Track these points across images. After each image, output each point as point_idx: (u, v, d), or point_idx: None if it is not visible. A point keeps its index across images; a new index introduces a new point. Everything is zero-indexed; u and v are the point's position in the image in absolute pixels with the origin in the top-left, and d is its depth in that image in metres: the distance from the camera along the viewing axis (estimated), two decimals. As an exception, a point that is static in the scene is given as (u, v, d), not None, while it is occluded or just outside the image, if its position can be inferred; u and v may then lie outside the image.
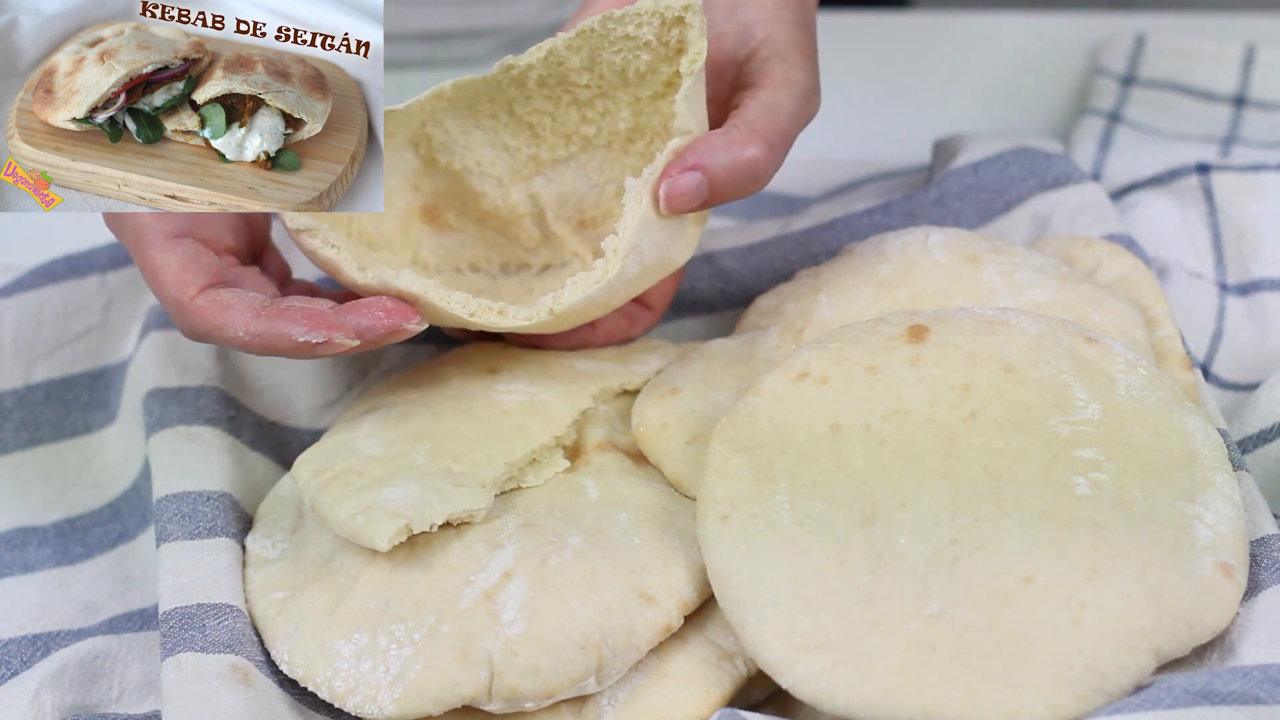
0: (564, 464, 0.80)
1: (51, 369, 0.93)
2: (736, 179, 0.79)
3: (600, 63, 0.83)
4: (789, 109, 0.80)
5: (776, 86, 0.81)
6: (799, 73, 0.82)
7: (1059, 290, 0.83)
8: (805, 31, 0.84)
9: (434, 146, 0.86)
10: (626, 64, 0.83)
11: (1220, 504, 0.72)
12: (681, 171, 0.78)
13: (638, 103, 0.84)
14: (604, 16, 0.82)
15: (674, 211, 0.78)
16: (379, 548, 0.73)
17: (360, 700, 0.72)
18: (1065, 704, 0.66)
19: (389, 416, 0.81)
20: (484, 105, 0.85)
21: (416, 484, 0.76)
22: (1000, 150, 0.94)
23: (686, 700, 0.72)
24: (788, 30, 0.83)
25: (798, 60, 0.82)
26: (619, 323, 0.87)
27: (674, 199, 0.78)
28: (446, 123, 0.86)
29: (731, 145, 0.78)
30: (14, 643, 0.80)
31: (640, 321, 0.88)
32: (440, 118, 0.85)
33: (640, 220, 0.78)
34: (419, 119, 0.85)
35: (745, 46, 0.83)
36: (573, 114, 0.85)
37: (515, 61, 0.84)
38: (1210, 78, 1.10)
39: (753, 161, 0.79)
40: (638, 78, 0.84)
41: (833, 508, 0.73)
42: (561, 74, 0.84)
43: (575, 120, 0.86)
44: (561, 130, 0.86)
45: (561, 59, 0.83)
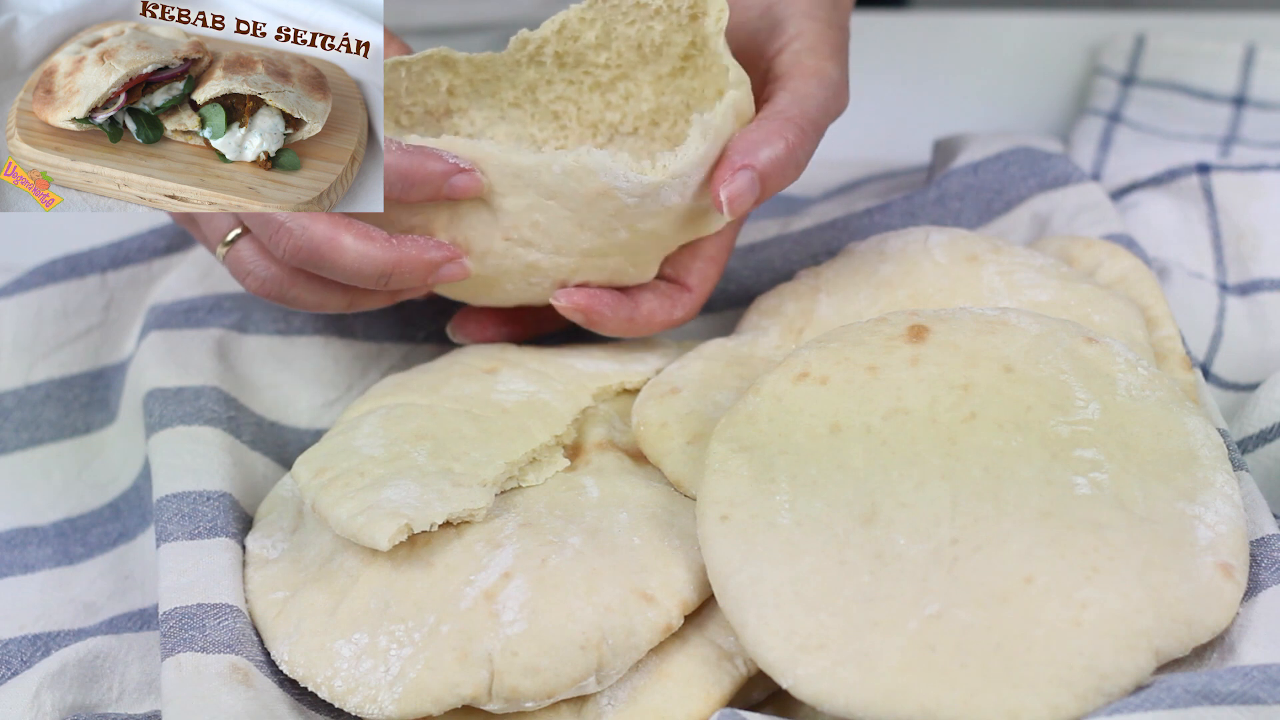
0: (564, 463, 0.80)
1: (51, 369, 0.93)
2: (781, 169, 0.80)
3: (615, 37, 0.84)
4: (819, 98, 0.81)
5: (807, 77, 0.82)
6: (830, 64, 0.83)
7: (1059, 290, 0.83)
8: (838, 31, 0.85)
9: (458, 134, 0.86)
10: (641, 36, 0.84)
11: (1220, 504, 0.72)
12: (734, 173, 0.79)
13: (659, 81, 0.85)
14: None
15: (736, 214, 0.80)
16: (379, 547, 0.73)
17: (360, 700, 0.72)
18: (1065, 704, 0.66)
19: (389, 417, 0.81)
20: (506, 90, 0.86)
21: (417, 484, 0.76)
22: (1000, 150, 0.94)
23: (686, 700, 0.72)
24: (820, 28, 0.84)
25: (828, 54, 0.83)
26: (661, 304, 0.86)
27: (734, 201, 0.79)
28: (472, 113, 0.86)
29: (770, 137, 0.80)
30: (14, 643, 0.80)
31: (680, 303, 0.86)
32: (465, 107, 0.86)
33: (697, 156, 0.79)
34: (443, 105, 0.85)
35: (777, 41, 0.84)
36: (595, 100, 0.86)
37: (529, 36, 0.84)
38: (1210, 78, 1.10)
39: (792, 148, 0.80)
40: (654, 51, 0.84)
41: (833, 508, 0.73)
42: (579, 52, 0.84)
43: (599, 106, 0.86)
44: (587, 119, 0.86)
45: (576, 34, 0.84)
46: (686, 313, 0.86)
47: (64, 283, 0.93)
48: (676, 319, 0.86)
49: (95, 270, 0.93)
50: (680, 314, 0.86)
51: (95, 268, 0.93)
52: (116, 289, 0.94)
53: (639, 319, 0.85)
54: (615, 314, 0.84)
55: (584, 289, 0.83)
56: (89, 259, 0.94)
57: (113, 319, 0.94)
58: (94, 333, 0.93)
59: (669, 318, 0.86)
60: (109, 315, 0.93)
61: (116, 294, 0.94)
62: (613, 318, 0.84)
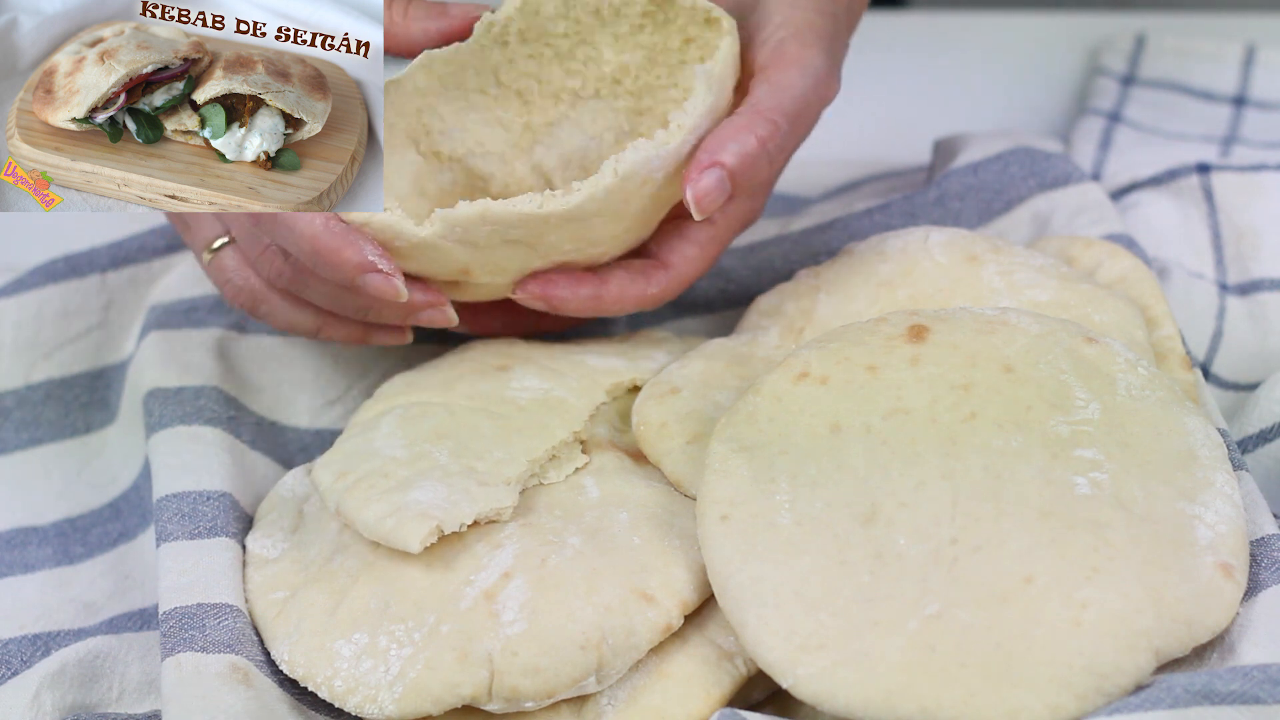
0: (583, 459, 0.80)
1: (51, 369, 0.93)
2: (751, 165, 0.79)
3: (574, 4, 0.84)
4: (798, 88, 0.81)
5: (787, 66, 0.81)
6: (812, 52, 0.82)
7: (1059, 290, 0.83)
8: (827, 18, 0.84)
9: (434, 139, 0.86)
10: (599, 1, 0.83)
11: (1220, 504, 0.72)
12: (701, 171, 0.79)
13: (618, 40, 0.85)
14: None
15: (705, 212, 0.79)
16: (411, 550, 0.73)
17: (360, 700, 0.72)
18: (1065, 704, 0.66)
19: (406, 416, 0.81)
20: (471, 78, 0.85)
21: (443, 484, 0.76)
22: (1000, 150, 0.94)
23: (686, 700, 0.72)
24: (806, 15, 0.83)
25: (812, 40, 0.82)
26: (632, 280, 0.83)
27: (702, 200, 0.79)
28: (441, 109, 0.86)
29: (738, 132, 0.79)
30: (14, 643, 0.80)
31: (655, 280, 0.83)
32: (434, 103, 0.86)
33: (705, 107, 0.79)
34: (415, 106, 0.85)
35: (761, 32, 0.83)
36: (556, 70, 0.86)
37: (494, 18, 0.84)
38: (1210, 78, 1.10)
39: (762, 141, 0.79)
40: (612, 13, 0.84)
41: (833, 508, 0.73)
42: (539, 25, 0.84)
43: (560, 75, 0.86)
44: (549, 91, 0.86)
45: (537, 7, 0.84)
46: (662, 290, 0.83)
47: (64, 283, 0.93)
48: (650, 295, 0.83)
49: (95, 270, 0.93)
50: (654, 290, 0.83)
51: (95, 268, 0.93)
52: (116, 289, 0.94)
53: (606, 297, 0.82)
54: (576, 294, 0.82)
55: (538, 277, 0.82)
56: (89, 259, 0.94)
57: (113, 319, 0.94)
58: (94, 333, 0.93)
59: (641, 294, 0.83)
60: (109, 315, 0.93)
61: (116, 294, 0.94)
62: (574, 298, 0.82)
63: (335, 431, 0.89)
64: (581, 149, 0.87)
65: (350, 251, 0.77)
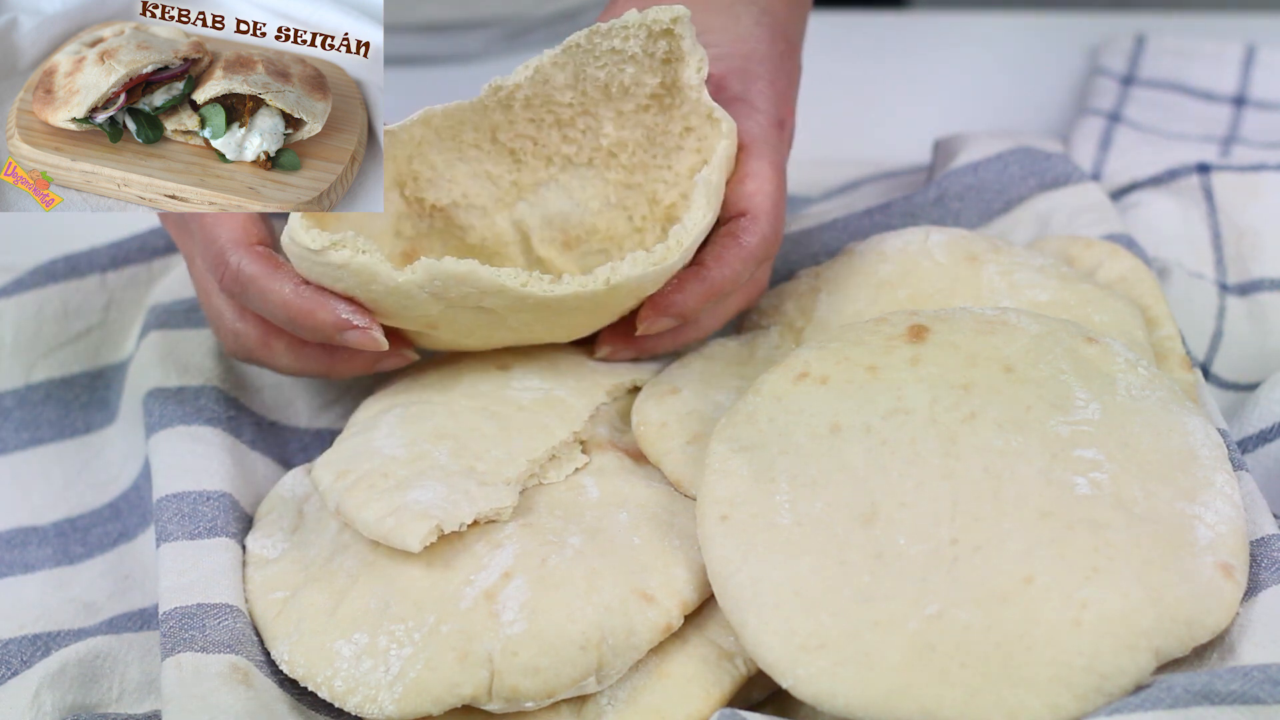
0: (583, 459, 0.80)
1: (51, 369, 0.93)
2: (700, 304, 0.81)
3: (585, 79, 0.83)
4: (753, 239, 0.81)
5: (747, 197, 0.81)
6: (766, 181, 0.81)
7: (1059, 290, 0.83)
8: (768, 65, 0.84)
9: (420, 184, 0.85)
10: (611, 79, 0.83)
11: (1220, 504, 0.72)
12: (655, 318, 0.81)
13: (620, 116, 0.84)
14: (590, 31, 0.82)
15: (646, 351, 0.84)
16: (411, 549, 0.73)
17: (360, 700, 0.72)
18: (1065, 704, 0.66)
19: (406, 416, 0.81)
20: (468, 134, 0.85)
21: (443, 484, 0.76)
22: (1000, 150, 0.94)
23: (686, 700, 0.72)
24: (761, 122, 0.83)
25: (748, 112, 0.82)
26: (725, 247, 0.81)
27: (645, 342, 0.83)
28: (432, 157, 0.85)
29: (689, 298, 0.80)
30: (14, 643, 0.80)
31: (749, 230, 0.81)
32: (425, 152, 0.85)
33: (705, 224, 0.79)
34: (406, 153, 0.84)
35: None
36: (554, 135, 0.85)
37: (503, 82, 0.83)
38: (1210, 78, 1.10)
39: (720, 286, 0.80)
40: (621, 91, 0.84)
41: (833, 508, 0.73)
42: (546, 93, 0.84)
43: (557, 140, 0.85)
44: (542, 153, 0.86)
45: (548, 77, 0.83)
46: (762, 233, 0.81)
47: (64, 283, 0.93)
48: (753, 246, 0.81)
49: (95, 270, 0.93)
50: (755, 239, 0.81)
51: (95, 268, 0.93)
52: (116, 289, 0.94)
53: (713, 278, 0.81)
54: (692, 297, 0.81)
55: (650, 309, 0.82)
56: (89, 259, 0.94)
57: (113, 319, 0.94)
58: (94, 333, 0.93)
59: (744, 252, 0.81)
60: (109, 315, 0.93)
61: (116, 294, 0.94)
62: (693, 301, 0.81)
63: (335, 431, 0.89)
64: (564, 213, 0.86)
65: (324, 313, 0.78)
